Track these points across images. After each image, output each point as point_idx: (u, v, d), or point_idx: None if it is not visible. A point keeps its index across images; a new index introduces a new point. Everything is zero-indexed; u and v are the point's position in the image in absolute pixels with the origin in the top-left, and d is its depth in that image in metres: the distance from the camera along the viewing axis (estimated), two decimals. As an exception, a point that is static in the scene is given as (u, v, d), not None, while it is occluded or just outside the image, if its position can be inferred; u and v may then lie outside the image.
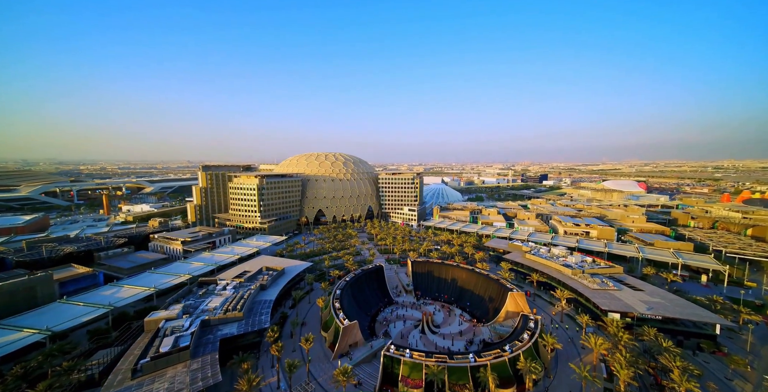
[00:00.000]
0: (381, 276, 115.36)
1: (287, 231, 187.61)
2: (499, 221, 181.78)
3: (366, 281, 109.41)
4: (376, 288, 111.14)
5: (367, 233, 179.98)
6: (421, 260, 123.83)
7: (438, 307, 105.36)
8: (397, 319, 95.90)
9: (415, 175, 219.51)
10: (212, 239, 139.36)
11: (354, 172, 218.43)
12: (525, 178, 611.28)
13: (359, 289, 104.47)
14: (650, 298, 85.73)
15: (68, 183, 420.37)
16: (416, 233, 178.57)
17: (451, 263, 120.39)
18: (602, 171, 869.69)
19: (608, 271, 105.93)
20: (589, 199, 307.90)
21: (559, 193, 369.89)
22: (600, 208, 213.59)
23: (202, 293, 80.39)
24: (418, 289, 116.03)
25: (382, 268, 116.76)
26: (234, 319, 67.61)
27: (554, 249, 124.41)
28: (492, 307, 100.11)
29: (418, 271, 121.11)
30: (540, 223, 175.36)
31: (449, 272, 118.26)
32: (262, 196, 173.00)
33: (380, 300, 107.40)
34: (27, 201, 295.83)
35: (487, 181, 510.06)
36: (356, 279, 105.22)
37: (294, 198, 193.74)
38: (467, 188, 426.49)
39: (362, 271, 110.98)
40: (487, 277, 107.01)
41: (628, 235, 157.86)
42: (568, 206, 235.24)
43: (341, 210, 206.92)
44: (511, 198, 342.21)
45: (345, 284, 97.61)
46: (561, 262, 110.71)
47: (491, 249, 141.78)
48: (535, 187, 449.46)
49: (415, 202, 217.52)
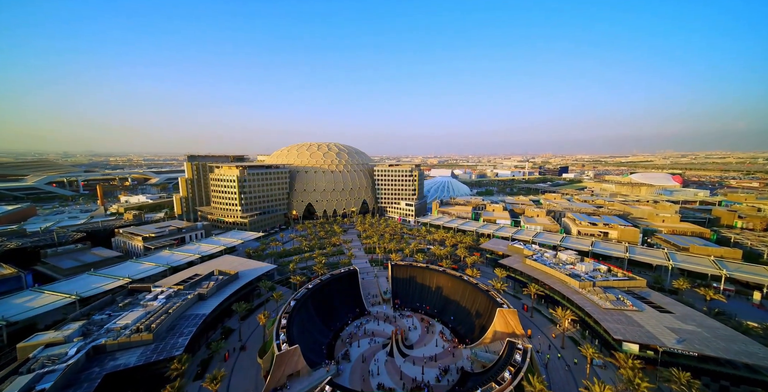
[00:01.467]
0: (354, 281, 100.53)
1: (273, 227, 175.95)
2: (503, 218, 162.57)
3: (335, 288, 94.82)
4: (348, 296, 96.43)
5: (357, 229, 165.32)
6: (404, 263, 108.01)
7: (417, 321, 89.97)
8: (364, 336, 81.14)
9: (413, 166, 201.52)
10: (181, 235, 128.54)
11: (348, 163, 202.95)
12: (543, 171, 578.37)
13: (325, 298, 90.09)
14: (682, 324, 66.72)
15: (81, 173, 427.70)
16: (409, 230, 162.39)
17: (437, 268, 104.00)
18: (631, 163, 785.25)
19: (627, 284, 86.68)
20: (612, 194, 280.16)
21: (578, 187, 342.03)
22: (624, 205, 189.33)
23: (125, 304, 67.87)
24: (398, 298, 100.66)
25: (357, 272, 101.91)
26: (140, 343, 54.37)
27: (562, 253, 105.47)
28: (479, 324, 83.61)
29: (399, 277, 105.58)
30: (550, 222, 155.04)
31: (434, 279, 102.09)
32: (243, 188, 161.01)
33: (350, 310, 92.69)
34: (32, 191, 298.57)
35: (501, 174, 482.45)
36: (322, 287, 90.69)
37: (280, 191, 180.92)
38: (477, 181, 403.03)
39: (331, 276, 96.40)
40: (476, 287, 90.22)
41: (656, 237, 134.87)
42: (586, 202, 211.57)
43: (333, 204, 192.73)
44: (524, 192, 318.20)
45: (305, 293, 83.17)
46: (567, 271, 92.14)
47: (488, 251, 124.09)
48: (553, 181, 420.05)
49: (413, 196, 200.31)
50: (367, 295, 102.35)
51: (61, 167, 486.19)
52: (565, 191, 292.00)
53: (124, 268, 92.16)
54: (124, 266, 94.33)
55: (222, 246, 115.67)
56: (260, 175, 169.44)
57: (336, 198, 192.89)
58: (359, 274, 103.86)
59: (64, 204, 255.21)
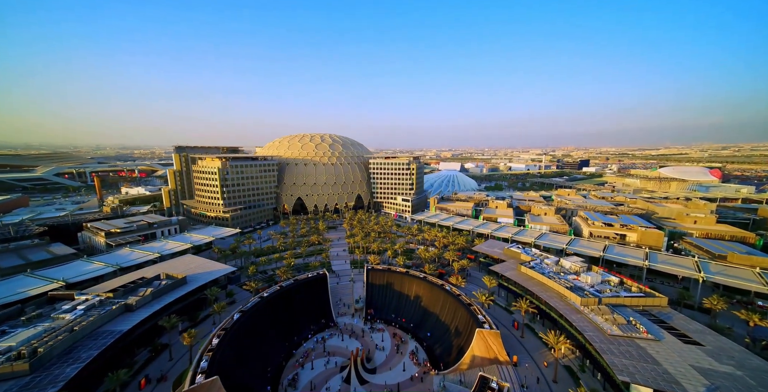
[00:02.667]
0: (323, 288, 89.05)
1: (260, 222, 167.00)
2: (505, 216, 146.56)
3: (299, 295, 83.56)
4: (313, 304, 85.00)
5: (345, 227, 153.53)
6: (382, 268, 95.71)
7: (389, 336, 77.77)
8: (320, 355, 69.70)
9: (410, 159, 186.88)
10: (152, 230, 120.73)
11: (341, 155, 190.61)
12: (561, 164, 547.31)
13: (285, 308, 78.94)
14: (714, 363, 51.18)
15: (95, 164, 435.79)
16: (400, 228, 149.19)
17: (418, 274, 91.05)
18: (662, 156, 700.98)
19: (642, 302, 70.98)
20: (636, 190, 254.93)
21: (597, 183, 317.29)
22: (647, 202, 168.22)
23: (31, 317, 58.30)
24: (372, 307, 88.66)
25: (326, 278, 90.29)
26: (9, 376, 44.42)
27: (565, 260, 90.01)
28: (457, 345, 70.50)
29: (375, 283, 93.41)
30: (559, 221, 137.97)
31: (413, 287, 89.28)
32: (225, 181, 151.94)
33: (315, 321, 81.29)
34: (39, 182, 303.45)
35: (515, 168, 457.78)
36: (281, 294, 79.71)
37: (268, 185, 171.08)
38: (488, 175, 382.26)
39: (295, 282, 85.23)
40: (458, 299, 76.83)
41: (684, 242, 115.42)
42: (604, 199, 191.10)
43: (324, 198, 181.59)
44: (537, 187, 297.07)
45: (258, 303, 72.17)
46: (568, 283, 77.02)
47: (483, 254, 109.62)
48: (571, 175, 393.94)
49: (410, 191, 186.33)
50: (337, 303, 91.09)
51: (77, 159, 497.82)
52: (582, 186, 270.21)
53: (69, 269, 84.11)
54: (71, 266, 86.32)
55: (187, 244, 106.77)
56: (245, 167, 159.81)
57: (328, 193, 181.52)
58: (330, 279, 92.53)
59: (66, 195, 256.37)
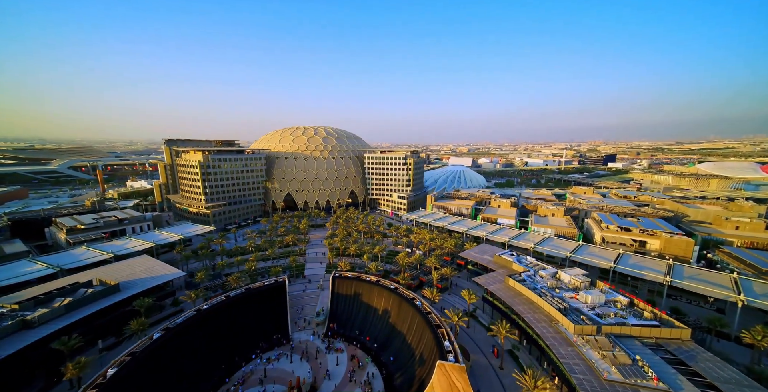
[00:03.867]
0: (281, 298, 78.79)
1: (246, 219, 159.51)
2: (506, 217, 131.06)
3: (249, 307, 73.56)
4: (267, 317, 74.76)
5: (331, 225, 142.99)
6: (351, 275, 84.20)
7: (346, 359, 66.62)
8: (255, 383, 59.31)
9: (407, 153, 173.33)
10: (121, 226, 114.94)
11: (335, 149, 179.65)
12: (584, 160, 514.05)
13: (228, 322, 68.91)
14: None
15: (112, 158, 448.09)
16: (392, 228, 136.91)
17: (389, 284, 78.95)
18: (704, 150, 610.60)
19: (657, 334, 55.70)
20: (667, 188, 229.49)
21: (621, 179, 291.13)
22: (677, 203, 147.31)
23: None
24: (335, 321, 77.74)
25: (284, 286, 79.96)
26: None
27: (565, 272, 75.28)
28: (419, 376, 58.23)
29: (342, 293, 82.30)
30: (568, 223, 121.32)
31: (382, 299, 77.48)
32: (207, 176, 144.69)
33: (266, 338, 70.92)
34: (53, 174, 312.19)
35: (532, 163, 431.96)
36: (226, 306, 69.83)
37: (255, 180, 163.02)
38: (501, 171, 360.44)
39: (245, 291, 75.25)
40: (426, 319, 64.27)
41: (721, 252, 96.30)
42: (626, 198, 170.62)
43: (314, 195, 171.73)
44: (553, 184, 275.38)
45: (190, 318, 62.21)
46: (561, 304, 62.56)
47: (472, 261, 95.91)
48: (592, 171, 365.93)
49: (407, 188, 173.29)
50: (298, 314, 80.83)
51: (97, 153, 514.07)
52: (603, 184, 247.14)
53: (6, 270, 77.82)
54: (8, 267, 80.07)
55: (151, 243, 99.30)
56: (229, 160, 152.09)
57: (319, 189, 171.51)
58: (296, 285, 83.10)
59: (72, 188, 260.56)
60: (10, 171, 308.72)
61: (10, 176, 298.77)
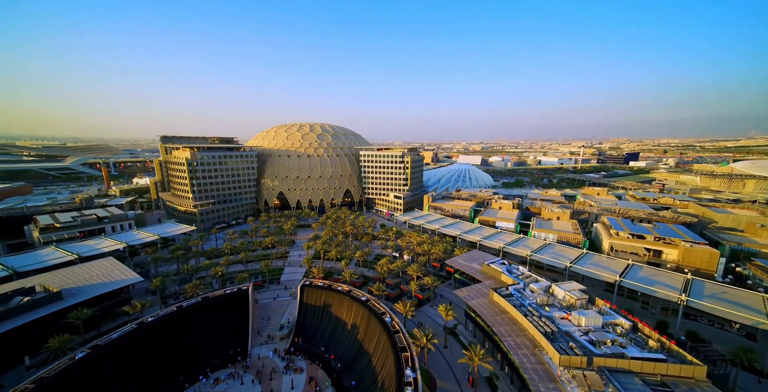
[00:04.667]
0: (243, 307, 72.38)
1: (237, 218, 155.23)
2: (506, 220, 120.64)
3: (204, 319, 67.24)
4: (225, 330, 68.30)
5: (321, 226, 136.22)
6: (322, 284, 76.98)
7: (304, 382, 59.47)
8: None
9: (404, 151, 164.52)
10: (101, 225, 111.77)
11: (330, 146, 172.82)
12: (604, 158, 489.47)
13: (177, 336, 62.61)
14: None
15: (126, 155, 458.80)
16: (383, 230, 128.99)
17: (360, 295, 71.33)
18: (742, 148, 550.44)
19: (662, 370, 45.50)
20: (693, 190, 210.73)
21: (641, 180, 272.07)
22: (703, 206, 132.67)
23: None
24: (301, 334, 70.81)
25: (247, 295, 73.54)
26: None
27: (560, 286, 65.51)
28: (378, 406, 50.80)
29: (311, 303, 75.34)
30: (573, 228, 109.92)
31: (351, 312, 69.93)
32: (194, 173, 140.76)
33: (220, 354, 64.15)
34: (66, 171, 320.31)
35: (546, 161, 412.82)
36: (176, 318, 63.75)
37: (246, 178, 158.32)
38: (512, 170, 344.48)
39: (201, 301, 68.99)
40: (392, 338, 56.31)
41: (753, 266, 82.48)
42: (644, 200, 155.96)
43: (307, 193, 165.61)
44: (566, 184, 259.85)
45: (127, 334, 55.49)
46: (548, 326, 53.05)
47: (459, 270, 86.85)
48: (611, 170, 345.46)
49: (404, 187, 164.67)
50: (264, 325, 74.23)
51: (113, 150, 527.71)
52: (621, 184, 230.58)
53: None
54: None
55: (120, 244, 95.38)
56: (218, 158, 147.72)
57: (311, 187, 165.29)
58: (267, 293, 76.71)
59: (79, 184, 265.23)
60: (26, 167, 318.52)
61: (25, 172, 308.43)
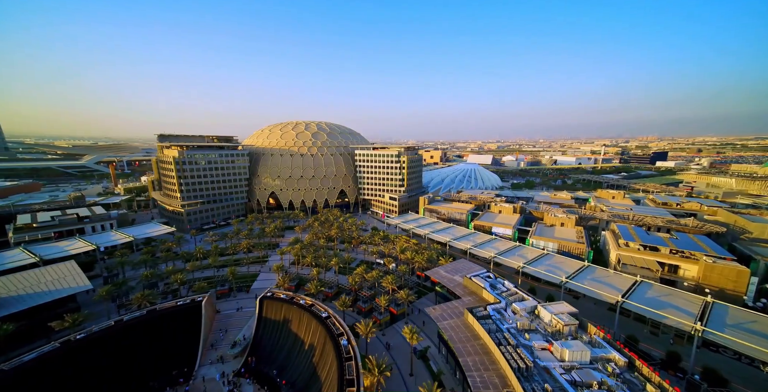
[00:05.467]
0: (194, 322, 66.17)
1: (227, 218, 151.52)
2: (503, 226, 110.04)
3: (149, 333, 61.33)
4: (173, 346, 62.46)
5: (307, 228, 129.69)
6: (284, 296, 70.01)
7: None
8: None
9: (400, 150, 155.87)
10: (82, 225, 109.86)
11: (324, 145, 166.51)
12: (627, 157, 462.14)
13: (117, 354, 56.75)
14: None
15: (141, 154, 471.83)
16: (372, 234, 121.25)
17: (321, 311, 63.96)
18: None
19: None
20: (728, 193, 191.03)
21: (668, 182, 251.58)
22: (734, 213, 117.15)
23: None
24: (256, 353, 64.04)
25: (200, 307, 67.45)
26: None
27: (547, 307, 55.83)
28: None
29: (270, 318, 68.64)
30: (577, 237, 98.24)
31: (310, 331, 62.67)
32: (182, 172, 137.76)
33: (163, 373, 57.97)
34: (81, 169, 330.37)
35: (562, 161, 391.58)
36: (110, 335, 57.77)
37: (237, 177, 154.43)
38: (524, 170, 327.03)
39: (147, 314, 63.10)
40: (341, 368, 48.71)
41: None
42: (665, 205, 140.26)
43: (300, 194, 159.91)
44: (582, 185, 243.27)
45: (47, 353, 49.86)
46: (522, 360, 43.72)
47: (438, 284, 77.78)
48: (633, 171, 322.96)
49: (400, 188, 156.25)
50: (220, 342, 67.99)
51: (132, 149, 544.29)
52: (643, 186, 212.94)
53: None
54: None
55: (89, 246, 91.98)
56: (207, 156, 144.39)
57: (304, 188, 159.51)
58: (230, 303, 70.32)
59: (89, 182, 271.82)
60: (45, 165, 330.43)
61: (45, 170, 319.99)
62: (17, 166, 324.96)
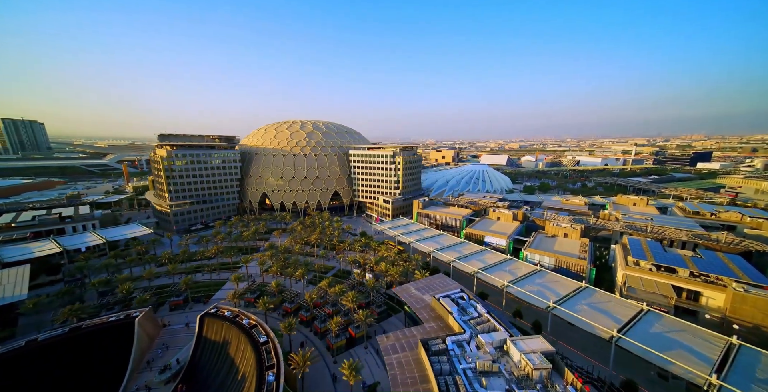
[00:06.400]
0: (126, 342, 59.75)
1: (218, 219, 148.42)
2: (497, 236, 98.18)
3: (68, 355, 55.31)
4: (96, 369, 56.49)
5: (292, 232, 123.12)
6: (228, 314, 62.92)
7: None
8: None
9: (396, 150, 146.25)
10: (63, 225, 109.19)
11: (319, 145, 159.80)
12: (661, 158, 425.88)
13: (27, 380, 51.59)
14: None
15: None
16: (359, 239, 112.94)
17: (262, 333, 56.37)
18: None
19: None
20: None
21: (706, 187, 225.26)
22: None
23: None
24: (190, 380, 57.14)
25: (133, 325, 61.40)
26: None
27: (516, 345, 45.27)
28: None
29: (209, 338, 61.65)
30: (579, 251, 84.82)
31: (246, 359, 55.00)
32: (170, 172, 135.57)
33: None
34: (103, 167, 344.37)
35: (586, 162, 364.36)
36: (20, 356, 52.04)
37: (228, 177, 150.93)
38: (541, 172, 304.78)
39: (69, 332, 57.19)
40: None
41: None
42: (698, 214, 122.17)
43: (292, 195, 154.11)
44: (603, 188, 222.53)
45: None
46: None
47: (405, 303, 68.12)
48: (667, 173, 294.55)
49: (395, 191, 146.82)
50: (157, 360, 61.89)
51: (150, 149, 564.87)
52: (675, 191, 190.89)
53: None
54: None
55: (58, 248, 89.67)
56: (196, 156, 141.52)
57: (296, 188, 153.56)
58: (182, 315, 63.82)
59: (105, 180, 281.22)
60: (70, 164, 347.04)
61: (70, 168, 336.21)
62: (48, 164, 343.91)
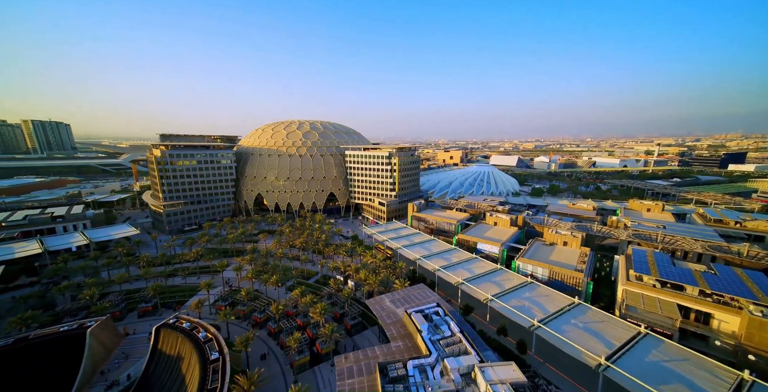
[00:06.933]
0: (76, 353, 56.66)
1: (211, 220, 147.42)
2: (491, 243, 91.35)
3: (14, 369, 52.89)
4: (42, 385, 53.66)
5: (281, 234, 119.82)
6: (187, 325, 59.45)
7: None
8: None
9: (392, 151, 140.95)
10: (53, 225, 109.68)
11: (315, 145, 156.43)
12: (688, 159, 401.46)
13: None
14: None
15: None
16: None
17: (216, 349, 52.54)
18: None
19: None
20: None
21: (735, 191, 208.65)
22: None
23: None
24: (143, 395, 54.01)
25: (84, 336, 58.37)
26: None
27: (484, 373, 39.43)
28: None
29: (165, 352, 58.24)
30: (578, 262, 77.42)
31: (197, 377, 50.90)
32: (164, 172, 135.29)
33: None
34: (117, 167, 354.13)
35: (603, 163, 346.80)
36: None
37: (222, 178, 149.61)
38: (552, 174, 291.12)
39: (13, 343, 54.59)
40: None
41: None
42: (721, 223, 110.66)
43: (286, 196, 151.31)
44: (619, 191, 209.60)
45: None
46: None
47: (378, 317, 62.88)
48: (692, 175, 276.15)
49: (390, 193, 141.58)
50: (113, 371, 58.96)
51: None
52: (698, 195, 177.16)
53: None
54: None
55: (39, 249, 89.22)
56: (190, 156, 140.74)
57: (291, 189, 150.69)
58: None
59: (117, 178, 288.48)
60: (87, 163, 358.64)
61: (86, 168, 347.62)
62: (68, 163, 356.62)
